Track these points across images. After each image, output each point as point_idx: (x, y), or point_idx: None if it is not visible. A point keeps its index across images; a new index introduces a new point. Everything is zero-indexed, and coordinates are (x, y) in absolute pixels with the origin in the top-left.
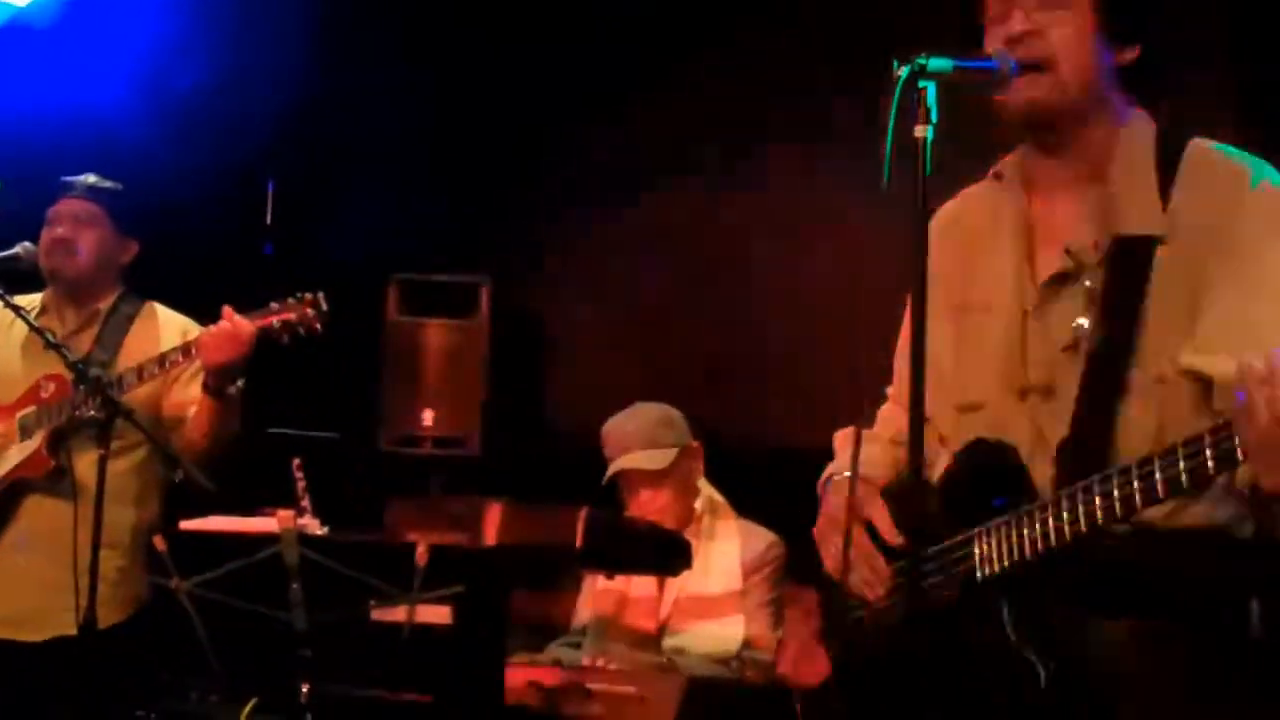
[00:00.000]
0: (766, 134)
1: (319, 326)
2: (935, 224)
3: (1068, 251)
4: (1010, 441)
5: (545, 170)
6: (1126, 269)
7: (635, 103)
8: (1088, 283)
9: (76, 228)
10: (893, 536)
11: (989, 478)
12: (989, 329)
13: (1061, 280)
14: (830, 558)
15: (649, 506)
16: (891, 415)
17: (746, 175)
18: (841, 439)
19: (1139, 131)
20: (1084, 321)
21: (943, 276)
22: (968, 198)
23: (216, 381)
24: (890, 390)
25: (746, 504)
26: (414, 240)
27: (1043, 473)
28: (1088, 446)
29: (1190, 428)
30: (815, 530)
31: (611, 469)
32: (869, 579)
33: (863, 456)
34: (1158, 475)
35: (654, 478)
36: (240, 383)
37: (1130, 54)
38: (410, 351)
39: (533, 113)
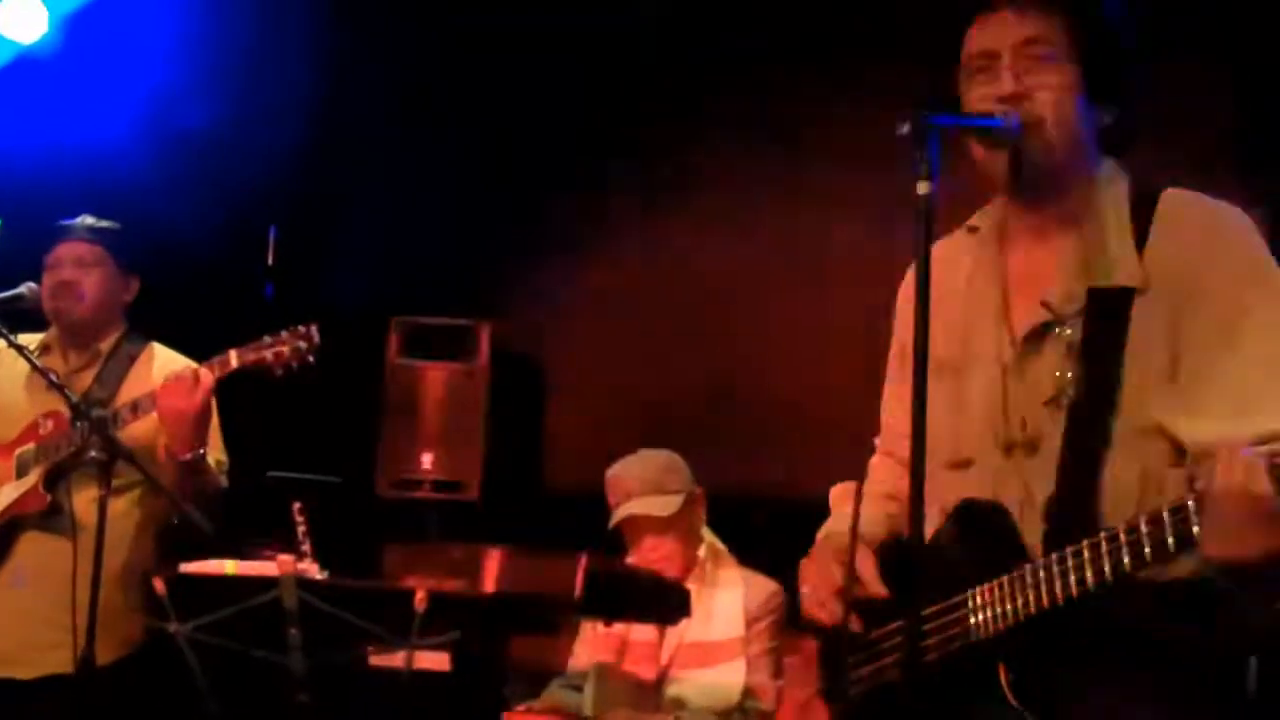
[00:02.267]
0: (770, 178)
1: (312, 358)
2: (910, 278)
3: (1044, 304)
4: (999, 501)
5: (545, 214)
6: (1105, 320)
7: (636, 146)
8: (1067, 333)
9: (80, 271)
10: (877, 588)
11: (981, 535)
12: (971, 385)
13: (1040, 333)
14: (804, 599)
15: (654, 553)
16: (881, 467)
17: (749, 220)
18: (838, 494)
19: (1113, 182)
20: (1064, 376)
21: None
22: (943, 249)
23: (171, 430)
24: (879, 442)
25: (746, 552)
26: (414, 283)
27: (1033, 531)
28: (1074, 504)
29: (1171, 480)
30: (800, 570)
31: (618, 515)
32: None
33: (841, 512)
34: (1145, 543)
35: (660, 524)
36: (202, 451)
37: (1109, 115)
38: (410, 394)
39: (532, 157)
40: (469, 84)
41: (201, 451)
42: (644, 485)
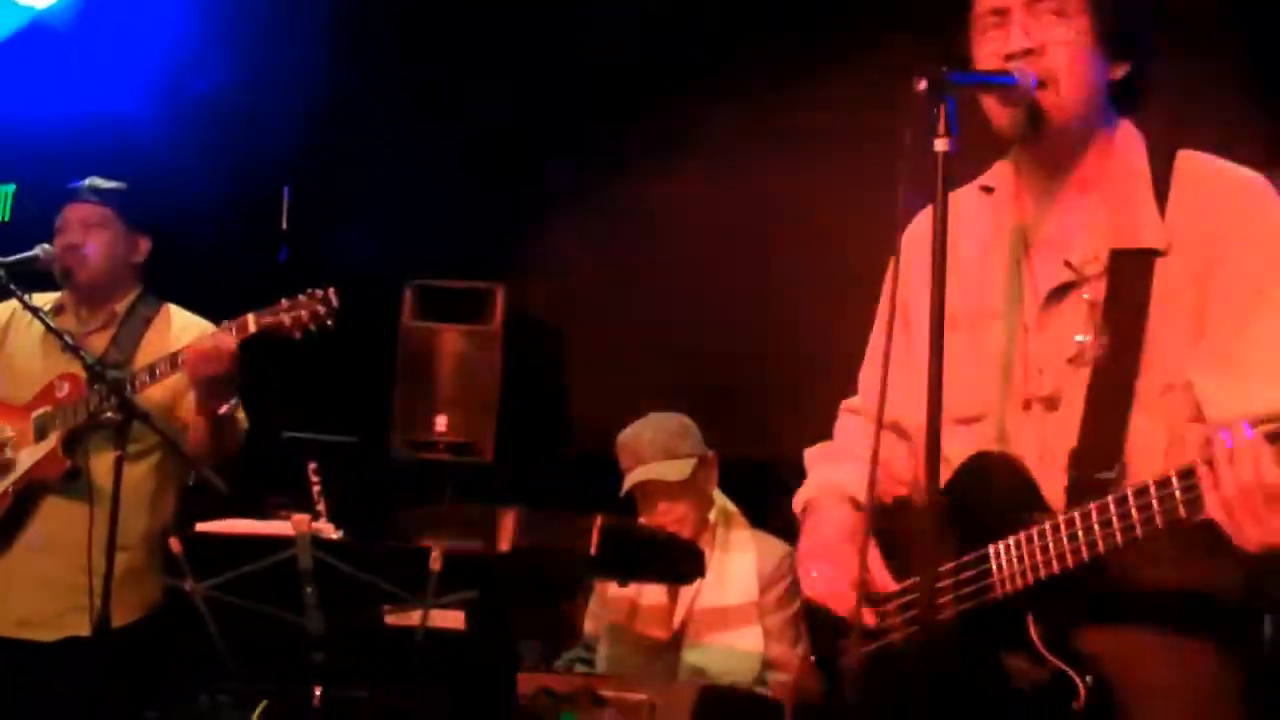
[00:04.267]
0: (787, 138)
1: (330, 322)
2: (912, 233)
3: (1068, 264)
4: (1015, 453)
5: (560, 176)
6: (1128, 281)
7: (652, 109)
8: (1087, 295)
9: (86, 232)
10: (884, 582)
11: (997, 489)
12: (987, 341)
13: (1062, 292)
14: (809, 585)
15: (666, 517)
16: (857, 429)
17: (765, 181)
18: (813, 456)
19: (1130, 143)
20: (1086, 336)
21: (928, 288)
22: (951, 205)
23: (203, 397)
24: (854, 403)
25: (761, 515)
26: (429, 245)
27: (1053, 483)
28: (1100, 455)
29: (1192, 434)
30: (798, 554)
31: (630, 480)
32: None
33: (834, 476)
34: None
35: (672, 489)
36: (234, 402)
37: (1122, 69)
38: (424, 356)
39: (548, 118)
40: (484, 46)
41: (235, 401)
42: (655, 450)
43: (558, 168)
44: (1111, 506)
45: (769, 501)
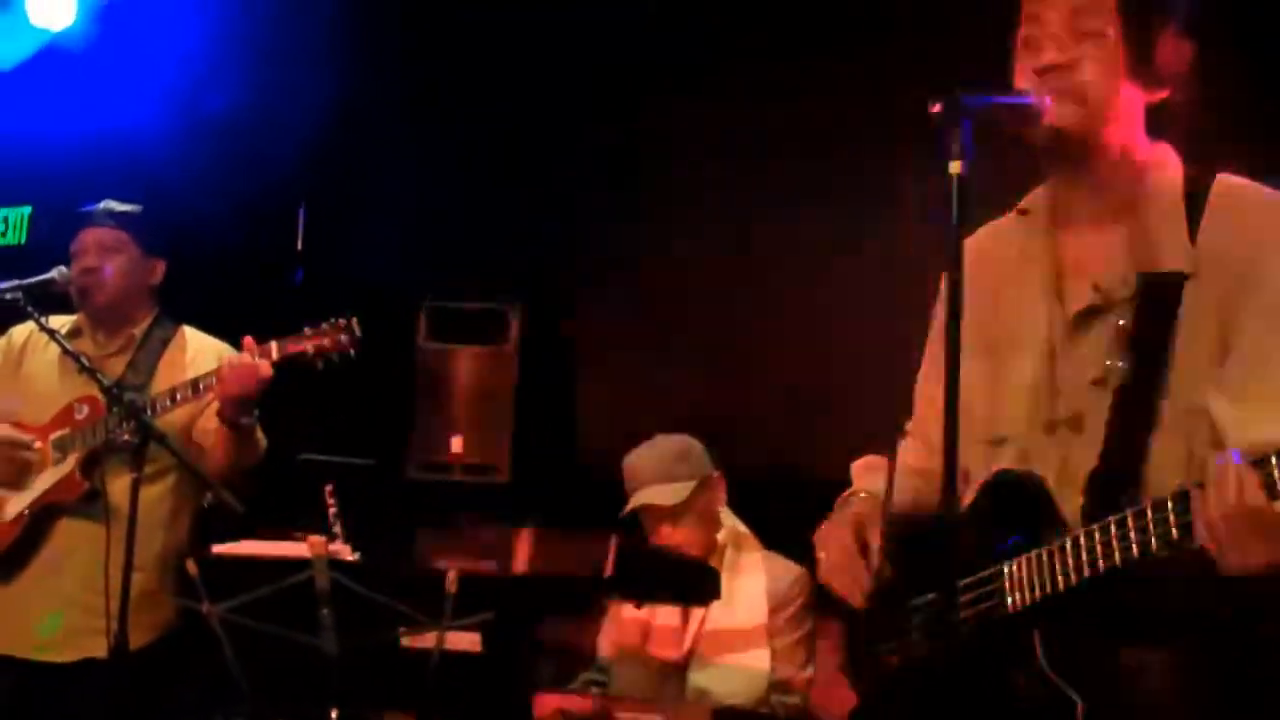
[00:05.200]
0: (802, 159)
1: (353, 351)
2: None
3: (1096, 288)
4: (1036, 471)
5: (576, 196)
6: (1156, 305)
7: (666, 128)
8: (1117, 319)
9: (102, 256)
10: (876, 563)
11: (1016, 507)
12: (1017, 364)
13: (1090, 315)
14: (821, 564)
15: (668, 540)
16: (910, 449)
17: (781, 200)
18: (859, 467)
19: (1166, 166)
20: (1115, 360)
21: (972, 312)
22: (994, 231)
23: (230, 412)
24: (910, 425)
25: (775, 534)
26: (444, 266)
27: (1071, 502)
28: (1118, 475)
29: (1212, 460)
30: (815, 535)
31: (628, 506)
32: (849, 585)
33: (878, 484)
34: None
35: (670, 513)
36: (255, 414)
37: (1159, 94)
38: (440, 378)
39: (563, 138)
40: (502, 67)
41: (257, 414)
42: (653, 474)
43: (574, 189)
44: (1112, 528)
45: (781, 521)
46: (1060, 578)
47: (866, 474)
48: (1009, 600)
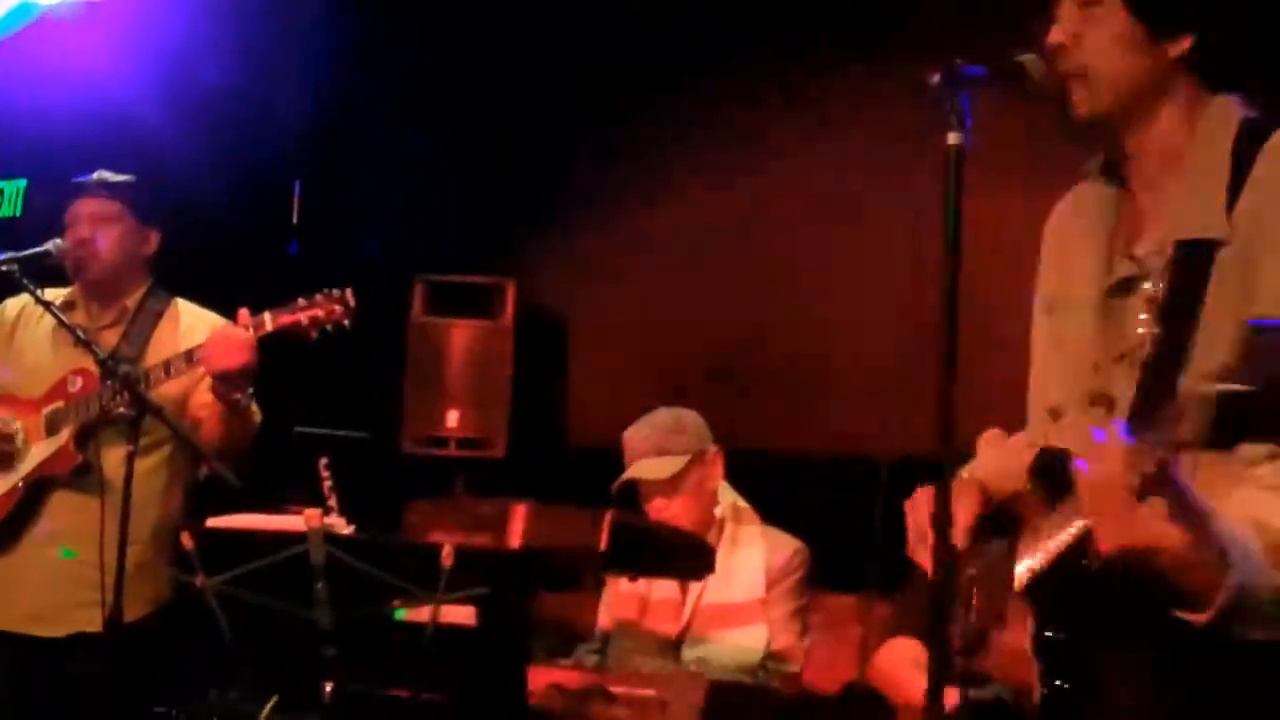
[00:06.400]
0: (797, 132)
1: (348, 323)
2: (1050, 224)
3: (1132, 256)
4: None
5: (571, 171)
6: (1187, 274)
7: (661, 102)
8: (1147, 289)
9: (96, 226)
10: (958, 537)
11: (1051, 489)
12: (1066, 332)
13: (1124, 286)
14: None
15: (663, 514)
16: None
17: (776, 175)
18: (982, 441)
19: (1219, 123)
20: (1144, 334)
21: (1043, 274)
22: (1080, 190)
23: (222, 388)
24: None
25: (772, 510)
26: (439, 241)
27: None
28: None
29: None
30: (907, 502)
31: (621, 479)
32: (923, 555)
33: (992, 458)
34: None
35: (664, 486)
36: (250, 392)
37: (1180, 45)
38: (434, 352)
39: (558, 113)
40: (496, 40)
41: (251, 392)
42: (647, 447)
43: (569, 162)
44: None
45: (777, 498)
46: (1039, 560)
47: (985, 447)
48: (1018, 575)
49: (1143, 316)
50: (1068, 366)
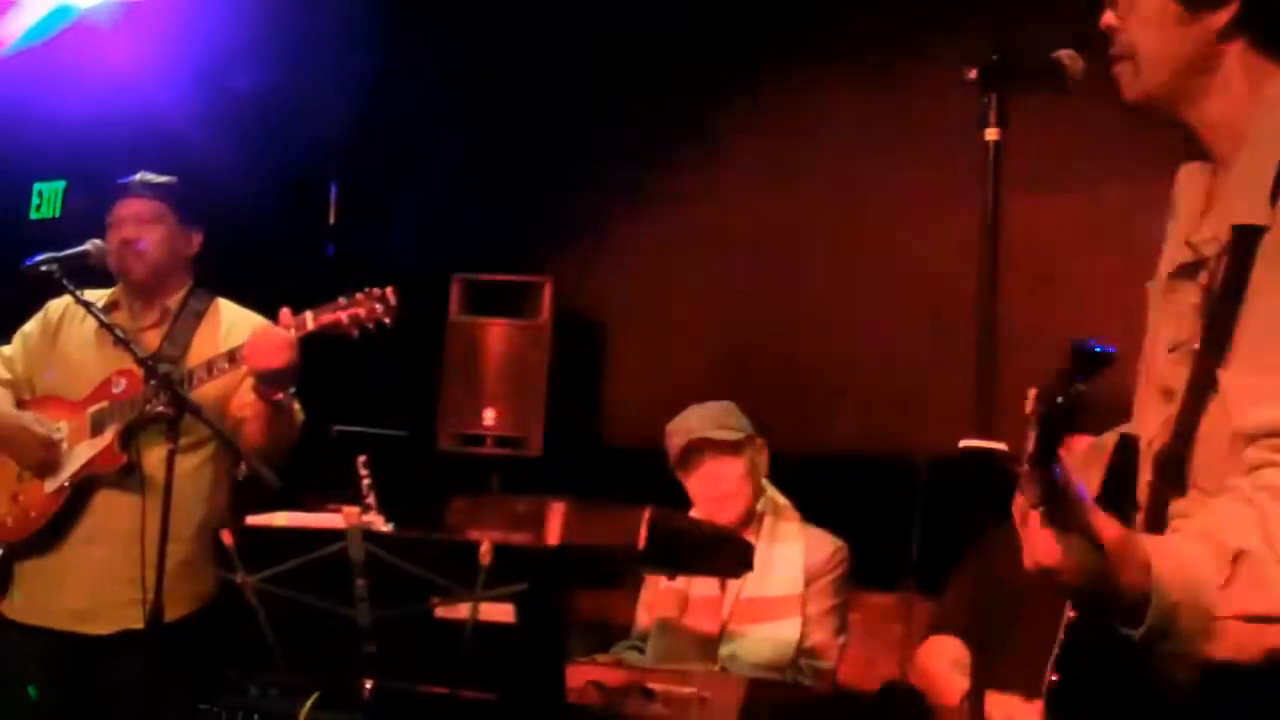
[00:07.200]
0: (836, 130)
1: (389, 321)
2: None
3: (1188, 243)
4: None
5: (608, 170)
6: (1237, 263)
7: (701, 102)
8: (1201, 278)
9: (141, 228)
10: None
11: (1116, 480)
12: (1151, 317)
13: (1182, 273)
14: None
15: (719, 479)
16: None
17: (814, 172)
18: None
19: (1274, 98)
20: (1193, 324)
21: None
22: (1184, 169)
23: (264, 387)
24: None
25: (811, 509)
26: (476, 240)
27: (1144, 479)
28: (1175, 457)
29: None
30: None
31: (684, 439)
32: None
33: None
34: None
35: (727, 449)
36: (292, 390)
37: (1221, 16)
38: (472, 351)
39: (596, 112)
40: (535, 39)
41: (292, 391)
42: (709, 422)
43: (606, 161)
44: None
45: (813, 497)
46: None
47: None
48: None
49: (1193, 302)
50: (1146, 355)
